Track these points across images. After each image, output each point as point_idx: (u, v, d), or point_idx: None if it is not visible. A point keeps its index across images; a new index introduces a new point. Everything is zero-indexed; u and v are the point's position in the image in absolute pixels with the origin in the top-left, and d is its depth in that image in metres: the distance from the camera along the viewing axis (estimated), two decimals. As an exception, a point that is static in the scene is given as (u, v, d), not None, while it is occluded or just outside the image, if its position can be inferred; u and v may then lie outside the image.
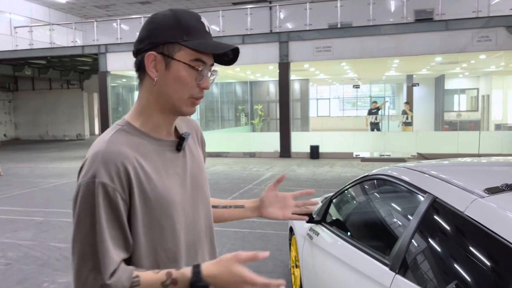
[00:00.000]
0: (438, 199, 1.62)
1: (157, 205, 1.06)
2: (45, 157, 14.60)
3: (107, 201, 0.98)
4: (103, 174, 0.98)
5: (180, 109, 1.08)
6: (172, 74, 1.04)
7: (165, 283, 0.98)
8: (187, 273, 0.99)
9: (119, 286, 0.96)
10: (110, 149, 1.01)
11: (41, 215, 6.48)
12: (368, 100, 25.04)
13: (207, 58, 1.07)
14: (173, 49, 1.04)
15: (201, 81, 1.06)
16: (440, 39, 11.82)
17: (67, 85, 23.28)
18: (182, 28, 1.04)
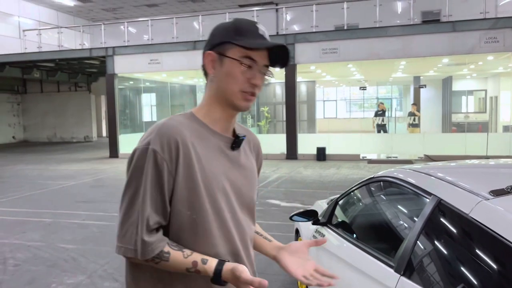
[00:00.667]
0: (443, 201, 1.63)
1: (203, 186, 1.14)
2: (54, 159, 14.73)
3: (154, 167, 1.10)
4: (156, 143, 1.10)
5: (233, 102, 1.18)
6: (225, 69, 1.16)
7: (190, 269, 1.11)
8: (209, 270, 1.11)
9: (150, 249, 1.08)
10: (168, 124, 1.14)
11: (50, 216, 6.54)
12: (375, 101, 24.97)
13: (259, 57, 1.16)
14: (226, 47, 1.16)
15: (252, 77, 1.16)
16: (448, 40, 11.77)
17: (75, 87, 23.46)
18: (235, 29, 1.16)
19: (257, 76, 1.17)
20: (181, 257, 1.11)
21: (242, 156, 1.25)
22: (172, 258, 1.10)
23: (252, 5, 18.66)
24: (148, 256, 1.08)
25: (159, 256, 1.09)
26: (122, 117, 16.14)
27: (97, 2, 20.00)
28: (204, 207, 1.14)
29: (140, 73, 15.86)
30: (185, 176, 1.12)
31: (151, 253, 1.08)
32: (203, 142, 1.16)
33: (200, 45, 14.01)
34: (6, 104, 23.16)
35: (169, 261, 1.10)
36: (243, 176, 1.24)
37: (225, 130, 1.22)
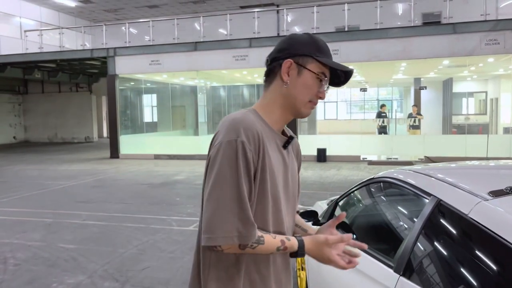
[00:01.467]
0: (442, 202, 1.63)
1: (270, 179, 1.23)
2: (54, 159, 14.74)
3: (244, 157, 1.17)
4: (243, 135, 1.18)
5: (299, 110, 1.30)
6: (302, 80, 1.27)
7: (279, 248, 1.21)
8: (295, 245, 1.23)
9: (254, 233, 1.16)
10: (248, 119, 1.23)
11: (50, 216, 6.55)
12: (376, 103, 24.96)
13: (329, 75, 1.30)
14: (307, 60, 1.27)
15: (320, 91, 1.29)
16: (448, 42, 11.77)
17: (76, 88, 23.50)
18: (316, 46, 1.29)
19: (323, 90, 1.30)
20: (271, 239, 1.21)
21: (290, 155, 1.36)
22: (267, 240, 1.19)
23: (253, 6, 18.69)
24: (252, 239, 1.15)
25: (257, 240, 1.17)
26: (123, 118, 16.16)
27: (98, 3, 20.03)
28: (267, 198, 1.23)
29: (141, 74, 15.87)
30: (261, 168, 1.21)
31: (254, 236, 1.16)
32: (269, 140, 1.26)
33: (201, 46, 14.04)
34: (7, 105, 23.20)
35: (265, 244, 1.18)
36: (290, 174, 1.34)
37: (279, 131, 1.34)
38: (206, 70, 14.86)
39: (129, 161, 13.99)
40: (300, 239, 1.24)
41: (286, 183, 1.31)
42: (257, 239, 1.17)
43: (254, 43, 13.46)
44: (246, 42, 13.50)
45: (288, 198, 1.33)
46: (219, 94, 22.07)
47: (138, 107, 18.57)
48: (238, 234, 1.14)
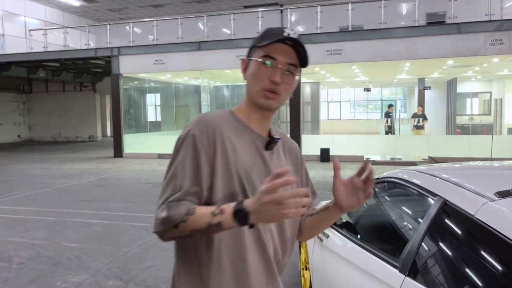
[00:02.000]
0: (448, 202, 1.63)
1: (238, 177, 1.19)
2: (58, 158, 14.79)
3: (193, 149, 1.17)
4: (196, 129, 1.19)
5: (256, 101, 1.25)
6: (249, 70, 1.26)
7: (214, 212, 1.10)
8: (232, 203, 1.10)
9: (176, 210, 1.12)
10: (209, 115, 1.24)
11: (54, 215, 6.57)
12: (379, 103, 24.90)
13: (280, 55, 1.21)
14: (253, 52, 1.26)
15: (272, 75, 1.20)
16: (452, 42, 11.73)
17: (80, 87, 23.57)
18: (261, 35, 1.24)
19: (277, 74, 1.20)
20: (205, 207, 1.13)
21: (274, 158, 1.29)
22: (198, 210, 1.12)
23: (257, 6, 18.68)
24: (176, 218, 1.11)
25: (187, 213, 1.11)
26: (127, 117, 16.19)
27: (102, 2, 20.08)
28: (237, 198, 1.17)
29: (145, 73, 15.89)
30: (222, 166, 1.18)
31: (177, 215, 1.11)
32: (240, 137, 1.23)
33: (205, 46, 14.05)
34: (12, 103, 23.29)
35: (195, 214, 1.11)
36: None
37: (261, 130, 1.29)
38: (209, 69, 14.86)
39: (132, 160, 14.02)
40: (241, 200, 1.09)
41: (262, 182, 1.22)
42: (187, 211, 1.11)
43: (258, 43, 13.44)
44: (249, 41, 13.43)
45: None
46: (222, 93, 22.08)
47: (142, 106, 18.61)
48: (162, 220, 1.13)
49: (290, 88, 1.25)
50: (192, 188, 1.16)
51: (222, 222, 1.08)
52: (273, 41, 1.19)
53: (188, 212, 1.11)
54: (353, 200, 1.24)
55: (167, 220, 1.12)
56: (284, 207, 0.99)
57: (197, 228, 1.11)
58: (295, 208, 1.00)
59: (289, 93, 1.25)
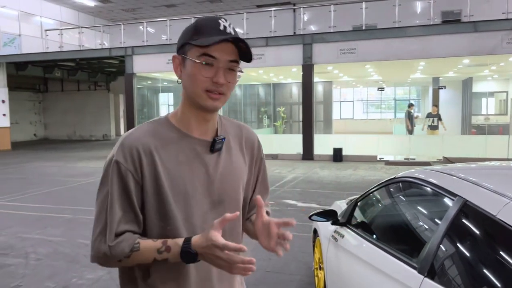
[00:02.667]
0: (469, 202, 1.60)
1: (171, 192, 1.14)
2: (73, 157, 14.99)
3: (118, 177, 1.13)
4: (120, 154, 1.14)
5: (199, 103, 1.15)
6: (187, 71, 1.15)
7: (160, 250, 1.10)
8: (179, 242, 1.09)
9: (119, 250, 1.09)
10: (131, 135, 1.17)
11: (69, 212, 6.66)
12: (393, 103, 24.67)
13: (220, 53, 1.12)
14: (187, 49, 1.15)
15: (212, 75, 1.12)
16: (468, 41, 11.57)
17: (94, 86, 23.86)
18: (195, 29, 1.14)
19: (220, 74, 1.12)
20: (150, 242, 1.11)
21: (223, 157, 1.22)
22: (142, 246, 1.10)
23: (270, 5, 18.66)
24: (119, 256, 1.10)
25: (131, 249, 1.10)
26: (140, 116, 16.32)
27: (117, 2, 20.27)
28: (173, 214, 1.14)
29: (158, 73, 16.01)
30: (152, 185, 1.13)
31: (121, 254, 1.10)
32: (172, 148, 1.15)
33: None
34: (28, 103, 23.68)
35: (139, 250, 1.10)
36: (223, 178, 1.20)
37: (203, 133, 1.20)
38: (222, 69, 14.86)
39: (146, 159, 14.11)
40: (189, 237, 1.09)
41: (211, 192, 1.18)
42: (131, 248, 1.10)
43: (271, 42, 13.45)
44: (262, 41, 13.49)
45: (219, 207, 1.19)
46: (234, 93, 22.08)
47: (155, 106, 18.75)
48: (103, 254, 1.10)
49: (233, 85, 1.17)
50: (126, 216, 1.12)
51: (168, 259, 1.10)
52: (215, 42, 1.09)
53: (132, 249, 1.10)
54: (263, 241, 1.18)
55: (108, 257, 1.11)
56: (232, 268, 1.07)
57: (141, 263, 1.13)
58: (244, 270, 1.07)
59: (232, 90, 1.18)
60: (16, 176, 10.65)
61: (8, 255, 4.72)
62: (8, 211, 6.81)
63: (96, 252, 1.12)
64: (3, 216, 6.49)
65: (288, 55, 13.39)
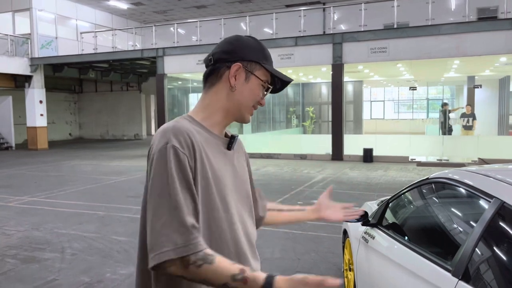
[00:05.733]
0: (506, 204, 1.56)
1: (214, 184, 1.16)
2: (106, 156, 15.41)
3: (177, 162, 1.09)
4: (174, 140, 1.11)
5: (243, 115, 1.28)
6: (249, 86, 1.25)
7: (236, 277, 1.02)
8: (260, 279, 1.03)
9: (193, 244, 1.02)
10: (179, 125, 1.15)
11: (103, 209, 6.86)
12: (425, 102, 24.08)
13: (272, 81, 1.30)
14: (255, 67, 1.25)
15: (262, 98, 1.29)
16: (505, 38, 11.15)
17: (126, 87, 24.44)
18: (263, 53, 1.27)
19: (264, 98, 1.30)
20: (227, 262, 1.04)
21: (235, 155, 1.30)
22: (218, 261, 1.03)
23: (299, 5, 18.58)
24: (192, 250, 1.01)
25: (204, 258, 1.02)
26: (171, 116, 16.61)
27: (148, 5, 20.70)
28: (216, 205, 1.15)
29: (189, 73, 16.24)
30: (201, 174, 1.13)
31: (194, 248, 1.01)
32: (207, 143, 1.19)
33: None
34: (64, 103, 24.53)
35: (213, 264, 1.02)
36: (240, 174, 1.30)
37: (220, 133, 1.28)
38: (251, 69, 14.93)
39: (176, 158, 14.34)
40: (270, 275, 1.03)
41: (235, 184, 1.25)
42: (204, 256, 1.02)
43: (300, 42, 13.39)
44: (291, 40, 13.46)
45: (242, 198, 1.27)
46: (263, 93, 22.07)
47: (185, 106, 19.02)
48: (174, 246, 1.01)
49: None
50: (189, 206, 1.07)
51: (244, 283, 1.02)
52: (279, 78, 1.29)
53: (205, 258, 1.02)
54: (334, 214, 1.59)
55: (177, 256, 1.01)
56: None
57: (209, 281, 1.03)
58: None
59: None
60: (53, 174, 11.05)
61: (45, 249, 4.91)
62: (45, 207, 7.07)
63: (163, 247, 1.01)
64: (40, 212, 6.76)
65: (317, 55, 13.29)
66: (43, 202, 7.49)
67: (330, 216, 1.58)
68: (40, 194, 8.26)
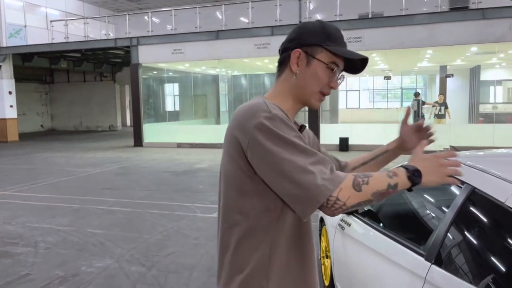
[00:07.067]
0: (476, 190, 1.60)
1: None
2: (80, 147, 15.09)
3: (283, 123, 1.12)
4: (274, 110, 1.13)
5: (309, 101, 1.26)
6: (311, 70, 1.23)
7: (390, 175, 1.09)
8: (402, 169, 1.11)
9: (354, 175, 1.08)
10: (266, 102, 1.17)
11: (78, 202, 6.73)
12: (399, 92, 24.50)
13: (340, 62, 1.25)
14: (316, 50, 1.22)
15: (332, 81, 1.24)
16: (476, 28, 11.42)
17: (100, 77, 23.90)
18: (325, 34, 1.23)
19: (336, 81, 1.25)
20: (376, 173, 1.12)
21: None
22: (371, 173, 1.10)
23: (275, -6, 18.46)
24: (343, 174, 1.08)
25: (365, 174, 1.09)
26: (146, 107, 16.36)
27: (121, -8, 20.21)
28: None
29: (164, 63, 16.00)
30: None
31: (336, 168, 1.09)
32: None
33: (222, 35, 14.04)
34: (35, 94, 23.80)
35: (372, 176, 1.08)
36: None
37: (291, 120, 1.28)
38: (227, 58, 14.86)
39: (152, 149, 14.20)
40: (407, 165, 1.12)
41: None
42: (361, 174, 1.09)
43: (276, 31, 13.36)
44: (267, 30, 13.41)
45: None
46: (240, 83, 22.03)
47: (161, 96, 18.77)
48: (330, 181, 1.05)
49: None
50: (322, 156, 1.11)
51: (398, 184, 1.09)
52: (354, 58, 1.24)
53: (365, 175, 1.09)
54: (413, 139, 1.45)
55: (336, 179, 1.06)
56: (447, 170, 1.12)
57: (378, 190, 1.07)
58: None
59: None
60: (25, 167, 10.75)
61: (17, 244, 4.79)
62: (17, 201, 6.88)
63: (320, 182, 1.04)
64: (12, 206, 6.57)
65: (294, 44, 13.27)
66: (14, 196, 7.29)
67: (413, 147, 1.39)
68: (11, 187, 8.03)
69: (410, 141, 1.45)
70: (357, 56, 1.25)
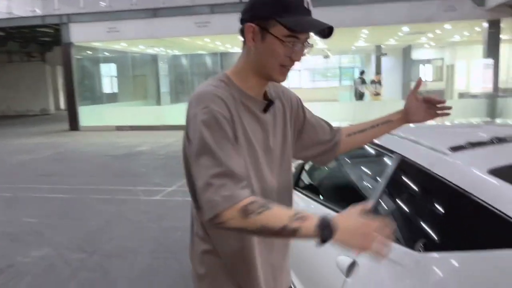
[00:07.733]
0: (406, 158, 1.71)
1: (245, 146, 1.17)
2: (9, 133, 14.11)
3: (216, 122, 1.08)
4: (212, 103, 1.11)
5: (271, 76, 1.19)
6: (266, 46, 1.14)
7: (295, 217, 1.00)
8: (315, 216, 1.00)
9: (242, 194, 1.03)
10: (214, 88, 1.15)
11: (10, 191, 6.33)
12: (338, 71, 25.22)
13: (303, 35, 1.15)
14: (270, 23, 1.12)
15: (292, 54, 1.15)
16: (408, 8, 11.94)
17: (27, 57, 22.25)
18: (279, 4, 1.12)
19: (298, 52, 1.16)
20: (281, 209, 1.04)
21: (269, 118, 1.26)
22: (275, 207, 1.02)
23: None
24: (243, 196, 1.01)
25: (264, 205, 1.01)
26: (81, 89, 15.53)
27: (48, -35, 18.77)
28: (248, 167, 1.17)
29: (99, 42, 15.22)
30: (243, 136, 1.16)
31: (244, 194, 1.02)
32: (240, 106, 1.18)
33: (161, 13, 13.56)
34: (-47, 76, 21.72)
35: (271, 209, 1.01)
36: (272, 137, 1.26)
37: (258, 95, 1.24)
38: (166, 37, 14.43)
39: (90, 133, 13.59)
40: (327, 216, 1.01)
41: (267, 148, 1.24)
42: (261, 203, 1.02)
43: (217, 9, 13.14)
44: (208, 8, 13.15)
45: (272, 162, 1.26)
46: (181, 63, 21.53)
47: (97, 77, 17.88)
48: (223, 198, 1.01)
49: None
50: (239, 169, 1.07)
51: (299, 229, 0.99)
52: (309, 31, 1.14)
53: (264, 205, 1.01)
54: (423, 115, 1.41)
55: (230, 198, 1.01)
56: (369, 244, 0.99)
57: (269, 226, 1.00)
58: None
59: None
60: None
61: None
62: None
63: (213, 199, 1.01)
64: None
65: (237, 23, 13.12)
66: None
67: (420, 118, 1.42)
68: None
69: (416, 113, 1.40)
70: (313, 29, 1.14)
